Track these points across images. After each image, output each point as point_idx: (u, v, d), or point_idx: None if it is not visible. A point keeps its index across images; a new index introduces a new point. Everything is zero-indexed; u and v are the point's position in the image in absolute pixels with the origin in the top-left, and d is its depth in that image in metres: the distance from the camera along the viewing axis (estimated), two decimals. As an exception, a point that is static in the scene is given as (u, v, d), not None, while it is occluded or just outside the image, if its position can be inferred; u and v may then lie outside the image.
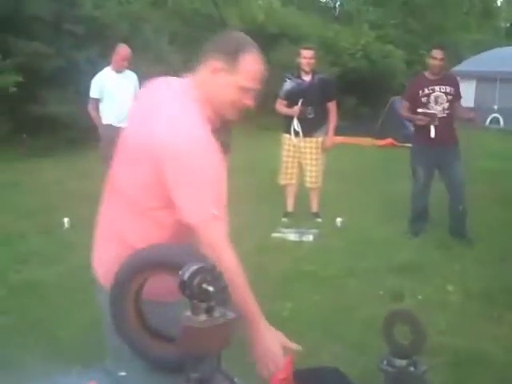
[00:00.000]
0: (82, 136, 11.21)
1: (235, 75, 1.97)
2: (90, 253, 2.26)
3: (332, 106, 7.31)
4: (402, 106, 7.00)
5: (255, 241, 6.29)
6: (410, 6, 25.68)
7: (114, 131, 7.30)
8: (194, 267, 1.48)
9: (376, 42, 22.10)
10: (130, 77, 7.63)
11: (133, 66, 7.81)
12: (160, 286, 1.87)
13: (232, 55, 1.97)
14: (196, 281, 1.46)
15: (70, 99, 11.82)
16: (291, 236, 6.64)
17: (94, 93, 7.54)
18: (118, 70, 7.52)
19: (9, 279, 5.27)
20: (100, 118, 7.60)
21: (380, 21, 23.92)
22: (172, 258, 1.75)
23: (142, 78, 7.79)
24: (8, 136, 11.96)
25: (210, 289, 1.46)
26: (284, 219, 7.39)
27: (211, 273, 1.50)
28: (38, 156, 11.13)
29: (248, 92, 2.01)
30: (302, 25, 20.43)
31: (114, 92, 7.43)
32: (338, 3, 27.05)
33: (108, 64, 7.64)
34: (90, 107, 7.64)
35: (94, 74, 7.70)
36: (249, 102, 2.03)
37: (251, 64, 2.00)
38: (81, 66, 11.98)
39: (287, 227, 6.97)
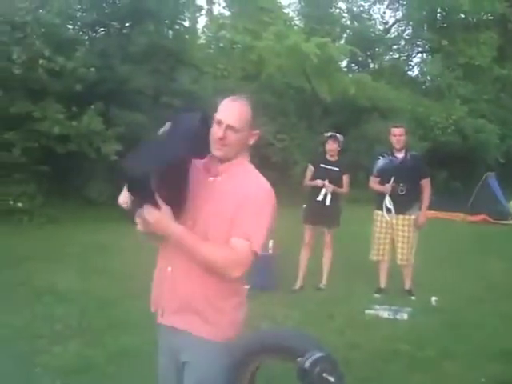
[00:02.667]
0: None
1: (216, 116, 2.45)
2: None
3: (426, 184, 7.26)
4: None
5: (348, 317, 6.22)
6: (502, 81, 25.36)
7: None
8: (316, 356, 1.50)
9: (468, 116, 21.89)
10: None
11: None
12: None
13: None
14: (317, 370, 1.48)
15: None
16: (385, 313, 6.52)
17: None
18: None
19: (107, 345, 5.37)
20: None
21: (472, 95, 23.70)
22: (290, 343, 1.78)
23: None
24: (106, 202, 12.42)
25: (331, 379, 1.48)
26: (376, 295, 7.29)
27: (331, 362, 1.52)
28: (131, 222, 11.44)
29: (219, 125, 2.42)
30: (392, 98, 20.55)
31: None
32: (428, 78, 26.98)
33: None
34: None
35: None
36: (218, 134, 2.41)
37: (224, 101, 2.48)
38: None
39: (380, 304, 6.85)
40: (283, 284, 7.51)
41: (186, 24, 17.30)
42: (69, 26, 14.24)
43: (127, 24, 15.14)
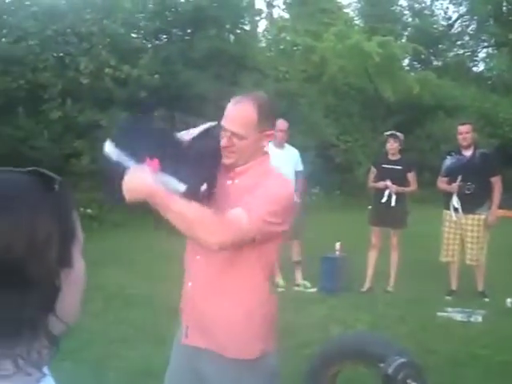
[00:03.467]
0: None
1: None
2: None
3: (495, 182, 7.04)
4: None
5: (420, 319, 6.10)
6: None
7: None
8: (399, 361, 1.46)
9: (538, 111, 21.22)
10: (291, 152, 7.81)
11: (290, 140, 8.02)
12: None
13: None
14: (400, 376, 1.44)
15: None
16: (458, 316, 6.36)
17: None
18: (279, 145, 7.72)
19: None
20: None
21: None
22: (371, 348, 1.74)
23: (299, 150, 8.00)
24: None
25: (416, 385, 1.43)
26: (448, 297, 7.12)
27: (415, 368, 1.47)
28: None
29: (224, 132, 2.30)
30: (457, 96, 20.12)
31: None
32: (495, 73, 26.34)
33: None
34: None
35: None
36: (223, 142, 2.29)
37: (229, 104, 2.33)
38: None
39: (452, 306, 6.69)
40: (351, 286, 7.43)
41: (247, 28, 17.39)
42: (133, 35, 14.51)
43: (189, 30, 15.31)
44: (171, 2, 14.82)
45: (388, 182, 7.25)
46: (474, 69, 28.36)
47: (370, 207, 7.76)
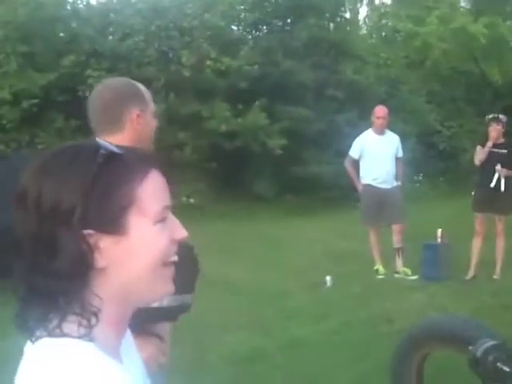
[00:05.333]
0: (342, 196, 11.54)
1: (149, 107, 2.18)
2: (350, 311, 2.34)
3: None
4: None
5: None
6: None
7: (373, 191, 7.50)
8: (489, 344, 1.44)
9: None
10: (392, 138, 7.71)
11: (390, 127, 7.91)
12: None
13: (139, 95, 2.15)
14: (490, 359, 1.42)
15: (331, 160, 12.28)
16: None
17: (353, 152, 7.74)
18: (379, 132, 7.63)
19: (273, 335, 5.51)
20: (355, 173, 7.76)
21: None
22: (460, 330, 1.72)
23: (400, 137, 7.89)
24: (274, 196, 12.74)
25: (506, 369, 1.41)
26: None
27: (506, 351, 1.44)
28: (300, 215, 11.63)
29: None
30: None
31: (374, 153, 7.54)
32: None
33: (369, 126, 7.81)
34: (346, 162, 7.86)
35: (353, 136, 7.93)
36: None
37: (144, 88, 2.21)
38: (341, 129, 12.43)
39: None
40: (454, 274, 7.25)
41: (347, 16, 17.23)
42: (233, 27, 14.72)
43: (288, 20, 15.34)
44: (270, -8, 14.93)
45: (498, 166, 6.98)
46: None
47: (473, 193, 7.51)
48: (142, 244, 0.94)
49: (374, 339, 2.89)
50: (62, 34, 12.60)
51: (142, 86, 2.22)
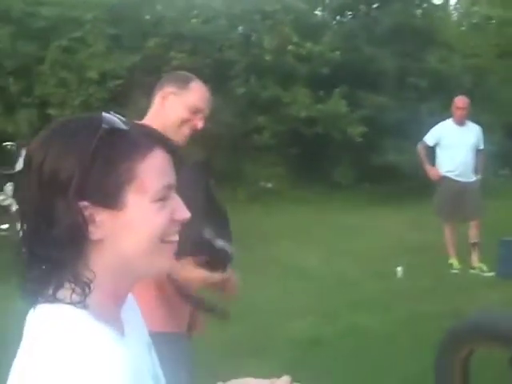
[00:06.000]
0: (421, 186, 11.29)
1: (185, 96, 2.14)
2: (418, 303, 2.28)
3: None
4: None
5: None
6: None
7: (450, 183, 7.30)
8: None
9: None
10: (473, 130, 7.47)
11: (475, 118, 7.67)
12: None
13: (183, 81, 2.18)
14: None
15: (411, 150, 12.00)
16: None
17: (428, 139, 7.56)
18: (459, 123, 7.41)
19: (338, 322, 5.49)
20: (426, 158, 7.59)
21: None
22: (505, 328, 1.66)
23: (486, 129, 7.64)
24: (352, 184, 12.64)
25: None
26: None
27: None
28: (377, 204, 11.48)
29: (198, 113, 2.17)
30: None
31: (452, 144, 7.34)
32: None
33: (450, 116, 7.60)
34: (420, 146, 7.69)
35: (435, 126, 7.74)
36: (199, 123, 2.18)
37: (200, 87, 2.22)
38: (422, 118, 12.15)
39: None
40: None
41: (436, 2, 16.75)
42: (316, 12, 14.60)
43: (375, 5, 15.08)
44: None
45: None
46: None
47: None
48: (138, 220, 0.95)
49: (439, 334, 2.81)
50: (147, 17, 12.85)
51: (195, 80, 2.26)
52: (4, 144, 9.04)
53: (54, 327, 0.88)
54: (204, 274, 2.08)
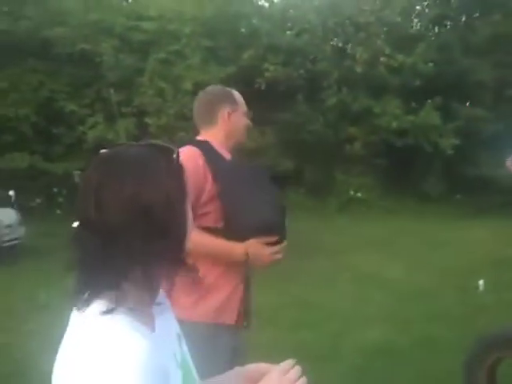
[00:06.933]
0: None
1: (241, 107, 2.53)
2: (500, 317, 2.28)
3: None
4: None
5: None
6: None
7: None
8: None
9: None
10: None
11: None
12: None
13: (231, 96, 2.53)
14: None
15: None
16: None
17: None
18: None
19: (412, 332, 5.46)
20: None
21: None
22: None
23: None
24: (442, 196, 12.45)
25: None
26: None
27: None
28: (468, 217, 11.27)
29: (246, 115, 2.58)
30: None
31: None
32: None
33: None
34: (509, 163, 7.50)
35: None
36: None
37: (239, 96, 2.56)
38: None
39: None
40: None
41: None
42: (412, 23, 14.51)
43: (475, 15, 14.78)
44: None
45: None
46: None
47: None
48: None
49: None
50: (242, 30, 13.17)
51: (234, 91, 2.57)
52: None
53: (91, 324, 1.00)
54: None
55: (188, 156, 2.30)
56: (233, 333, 2.37)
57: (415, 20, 14.64)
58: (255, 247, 2.33)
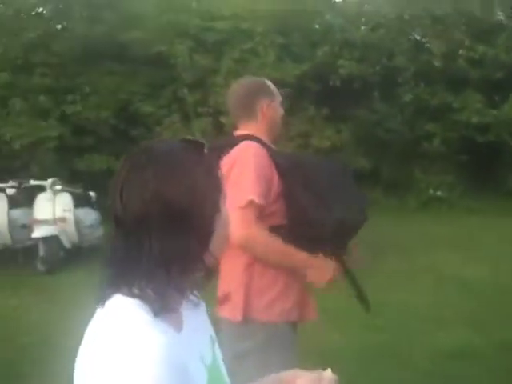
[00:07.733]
0: None
1: (276, 98, 2.54)
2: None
3: None
4: None
5: None
6: None
7: None
8: None
9: None
10: None
11: None
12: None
13: (268, 87, 2.52)
14: None
15: None
16: None
17: None
18: None
19: (491, 336, 5.20)
20: None
21: None
22: None
23: None
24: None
25: None
26: None
27: None
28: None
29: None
30: None
31: None
32: None
33: None
34: None
35: None
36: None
37: (273, 87, 2.55)
38: None
39: None
40: None
41: None
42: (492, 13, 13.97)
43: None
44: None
45: None
46: None
47: None
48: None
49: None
50: (316, 26, 13.04)
51: (268, 81, 2.56)
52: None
53: (111, 319, 1.01)
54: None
55: (258, 153, 2.26)
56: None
57: (497, 9, 14.06)
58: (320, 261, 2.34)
